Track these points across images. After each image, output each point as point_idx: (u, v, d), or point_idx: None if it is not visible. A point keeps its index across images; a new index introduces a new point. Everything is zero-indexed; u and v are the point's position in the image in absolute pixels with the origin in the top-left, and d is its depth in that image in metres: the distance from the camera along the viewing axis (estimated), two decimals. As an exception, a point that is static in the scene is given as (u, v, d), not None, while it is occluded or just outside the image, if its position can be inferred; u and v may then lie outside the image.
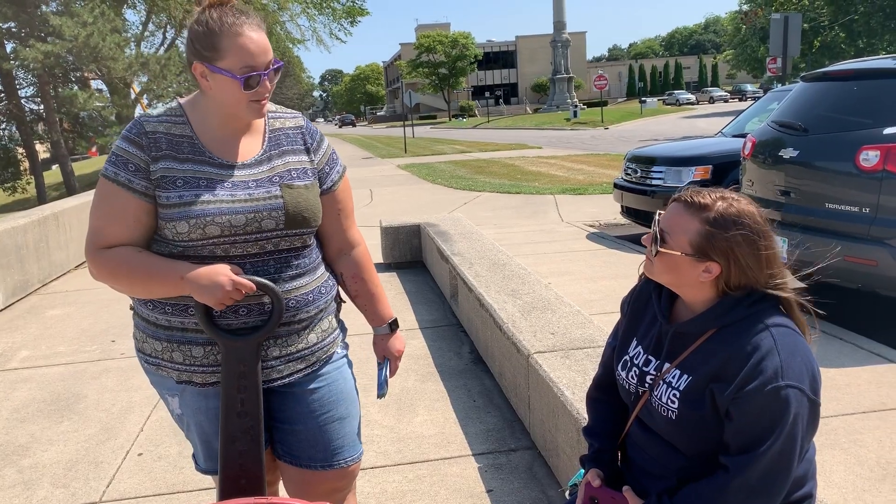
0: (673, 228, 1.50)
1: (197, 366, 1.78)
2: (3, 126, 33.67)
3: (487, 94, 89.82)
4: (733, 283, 1.48)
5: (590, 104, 63.76)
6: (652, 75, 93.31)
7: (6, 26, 30.46)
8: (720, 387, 1.43)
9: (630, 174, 8.34)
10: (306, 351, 1.86)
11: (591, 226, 9.18)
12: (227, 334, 1.70)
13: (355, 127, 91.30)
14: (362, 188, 14.92)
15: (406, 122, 35.38)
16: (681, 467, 1.54)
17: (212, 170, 1.73)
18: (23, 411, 3.98)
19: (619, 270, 6.50)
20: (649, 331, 1.64)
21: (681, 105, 63.10)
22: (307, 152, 1.87)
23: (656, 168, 7.93)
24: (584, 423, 1.92)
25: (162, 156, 1.71)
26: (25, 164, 35.20)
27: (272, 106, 1.88)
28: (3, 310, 6.23)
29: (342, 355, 1.98)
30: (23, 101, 35.12)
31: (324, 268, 1.93)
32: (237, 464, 1.65)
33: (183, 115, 1.76)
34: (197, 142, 1.74)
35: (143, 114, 1.75)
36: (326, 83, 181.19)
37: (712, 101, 66.06)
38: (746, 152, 5.46)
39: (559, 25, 67.64)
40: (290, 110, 1.93)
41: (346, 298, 2.06)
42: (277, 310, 1.62)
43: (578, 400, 2.63)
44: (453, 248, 5.61)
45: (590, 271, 6.55)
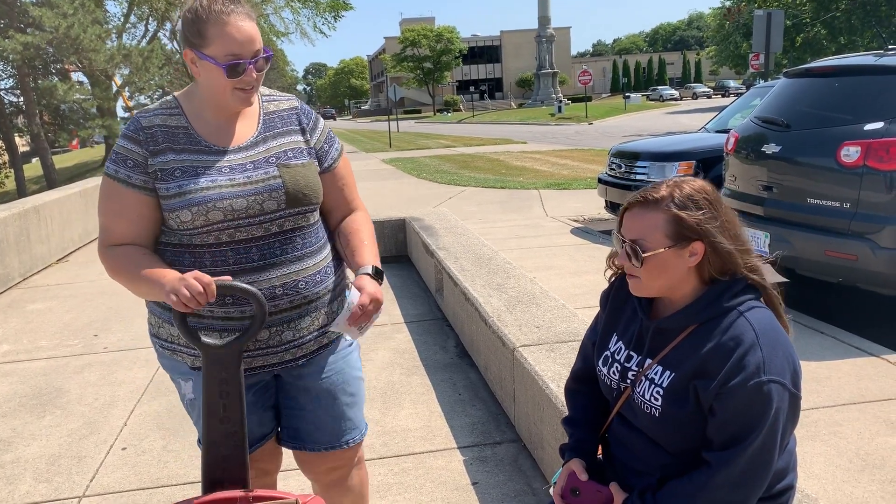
0: (644, 232, 1.50)
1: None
2: (-19, 118, 33.17)
3: (472, 88, 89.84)
4: (714, 262, 1.49)
5: (574, 99, 63.88)
6: (636, 71, 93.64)
7: (-15, 17, 29.99)
8: (703, 383, 1.44)
9: (614, 169, 8.38)
10: (317, 332, 1.88)
11: (575, 220, 9.21)
12: (206, 341, 1.68)
13: (335, 120, 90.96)
14: (347, 182, 14.81)
15: (391, 117, 35.28)
16: (664, 464, 1.55)
17: (209, 157, 1.76)
18: (4, 406, 3.94)
19: (603, 265, 6.51)
20: (630, 326, 1.64)
21: (664, 101, 63.37)
22: (303, 132, 1.89)
23: (640, 163, 7.97)
24: (568, 415, 1.92)
25: (160, 149, 1.74)
26: (5, 158, 34.74)
27: (266, 90, 1.91)
28: (-17, 304, 6.16)
29: (351, 341, 2.01)
30: (2, 92, 34.66)
31: (330, 247, 1.95)
32: (220, 468, 1.64)
33: (178, 107, 1.80)
34: (192, 131, 1.78)
35: (140, 110, 1.82)
36: (310, 77, 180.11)
37: (695, 97, 66.45)
38: (729, 148, 5.50)
39: (544, 21, 67.72)
40: (284, 93, 1.96)
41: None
42: (259, 315, 1.60)
43: (563, 393, 2.65)
44: (438, 242, 5.61)
45: (574, 265, 6.58)
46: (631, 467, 1.63)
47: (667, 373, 1.50)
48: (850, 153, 4.26)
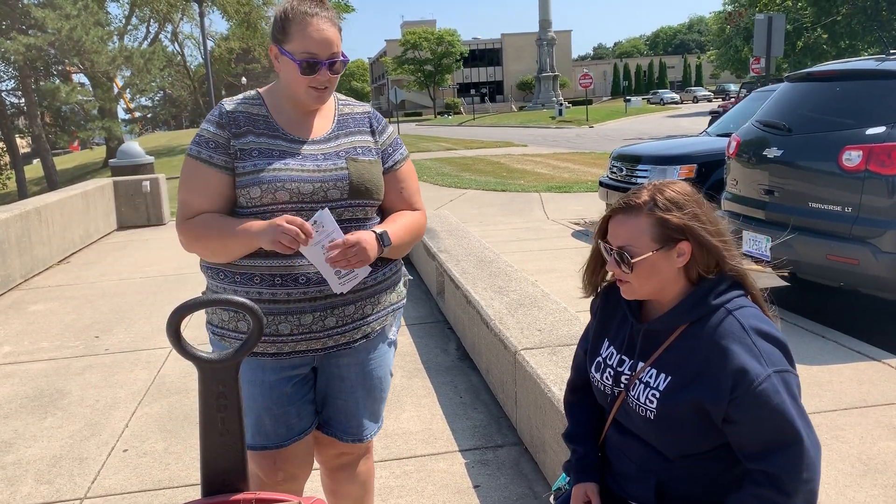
0: (630, 238, 1.51)
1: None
2: (-18, 120, 33.21)
3: (473, 91, 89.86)
4: (701, 261, 1.51)
5: (575, 102, 63.93)
6: (637, 74, 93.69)
7: (-13, 18, 30.04)
8: (707, 392, 1.44)
9: (615, 172, 8.38)
10: (361, 322, 1.96)
11: (576, 224, 9.22)
12: (201, 355, 1.67)
13: None
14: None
15: (391, 119, 35.35)
16: (661, 469, 1.55)
17: (284, 143, 1.89)
18: (5, 407, 3.94)
19: (605, 268, 6.54)
20: (620, 330, 1.65)
21: (665, 104, 63.40)
22: (372, 134, 2.02)
23: (641, 167, 7.98)
24: (572, 419, 1.92)
25: (242, 132, 1.88)
26: (6, 159, 34.79)
27: (342, 96, 2.06)
28: (-16, 305, 6.17)
29: (391, 340, 2.12)
30: (3, 94, 34.69)
31: None
32: (220, 480, 1.64)
33: (260, 99, 1.95)
34: (272, 120, 1.92)
35: (223, 99, 1.97)
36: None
37: (696, 100, 66.47)
38: (731, 151, 5.50)
39: (545, 24, 67.75)
40: (358, 101, 2.11)
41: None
42: (256, 328, 1.59)
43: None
44: (440, 245, 5.62)
45: (575, 268, 6.53)
46: (627, 474, 1.62)
47: (662, 375, 1.51)
48: (852, 157, 4.26)
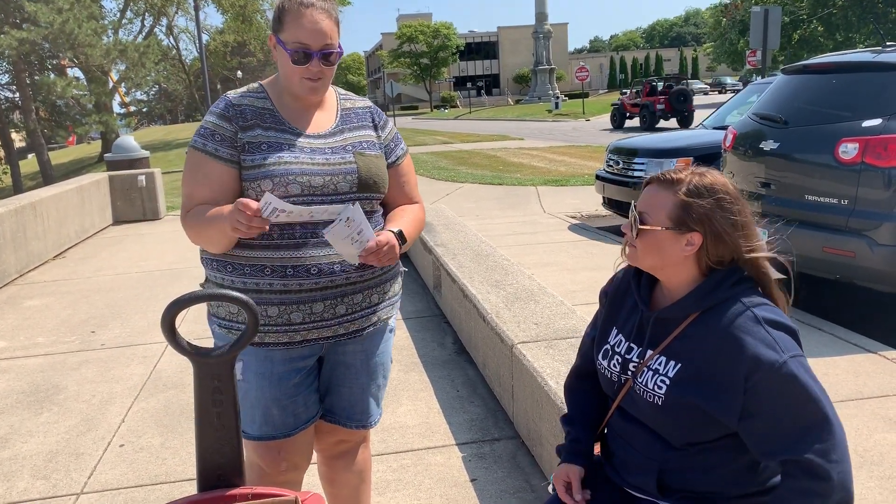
0: (651, 207, 1.54)
1: (270, 325, 1.89)
2: (-23, 114, 33.09)
3: (469, 84, 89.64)
4: (713, 254, 1.51)
5: (571, 96, 63.79)
6: (633, 67, 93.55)
7: (-20, 12, 29.89)
8: (720, 379, 1.44)
9: (612, 166, 8.37)
10: (369, 310, 2.01)
11: (573, 217, 9.21)
12: (196, 350, 1.66)
13: None
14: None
15: (388, 113, 35.29)
16: (664, 458, 1.55)
17: (293, 137, 1.91)
18: (1, 403, 3.93)
19: (601, 261, 6.54)
20: (629, 319, 1.65)
21: (661, 97, 63.25)
22: (375, 128, 2.06)
23: (638, 160, 7.97)
24: (568, 412, 1.92)
25: (249, 125, 1.89)
26: (0, 154, 34.64)
27: (343, 90, 2.10)
28: (-21, 300, 6.15)
29: (391, 327, 2.15)
30: (-2, 88, 34.53)
31: None
32: (216, 475, 1.64)
33: (264, 92, 1.96)
34: (278, 114, 1.93)
35: (227, 92, 1.97)
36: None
37: (692, 93, 66.39)
38: (727, 144, 5.50)
39: (541, 17, 67.62)
40: (359, 96, 2.14)
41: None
42: (251, 323, 1.59)
43: (562, 389, 2.64)
44: (436, 238, 5.61)
45: (572, 262, 6.58)
46: (629, 463, 1.62)
47: (672, 363, 1.51)
48: (848, 150, 4.26)
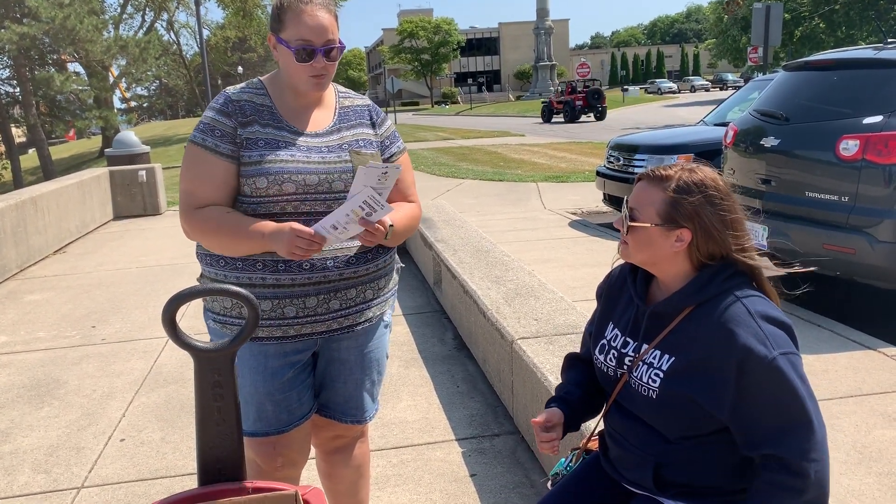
0: (641, 203, 1.55)
1: (264, 319, 1.90)
2: (-23, 109, 33.07)
3: (470, 80, 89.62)
4: (703, 250, 1.52)
5: (572, 92, 63.68)
6: (634, 63, 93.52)
7: (-20, 7, 29.87)
8: (712, 373, 1.45)
9: (613, 162, 8.37)
10: (363, 305, 2.02)
11: (573, 213, 9.21)
12: (198, 345, 1.66)
13: None
14: (344, 174, 14.77)
15: (388, 109, 35.26)
16: (660, 452, 1.56)
17: (289, 135, 1.92)
18: (2, 397, 3.94)
19: (602, 258, 6.54)
20: (625, 313, 1.67)
21: (662, 94, 63.29)
22: (372, 126, 2.07)
23: (639, 156, 7.96)
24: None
25: (248, 121, 1.89)
26: (1, 149, 34.64)
27: (342, 88, 2.09)
28: (-20, 295, 6.15)
29: (387, 323, 2.16)
30: (-2, 83, 34.50)
31: None
32: (216, 469, 1.64)
33: (263, 88, 1.96)
34: (276, 111, 1.93)
35: (226, 88, 1.97)
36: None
37: (693, 89, 66.36)
38: (728, 141, 5.49)
39: (542, 13, 67.55)
40: (357, 93, 2.14)
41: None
42: (252, 317, 1.59)
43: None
44: (437, 234, 5.61)
45: (572, 258, 6.58)
46: (625, 459, 1.64)
47: (666, 356, 1.52)
48: (849, 147, 4.26)
